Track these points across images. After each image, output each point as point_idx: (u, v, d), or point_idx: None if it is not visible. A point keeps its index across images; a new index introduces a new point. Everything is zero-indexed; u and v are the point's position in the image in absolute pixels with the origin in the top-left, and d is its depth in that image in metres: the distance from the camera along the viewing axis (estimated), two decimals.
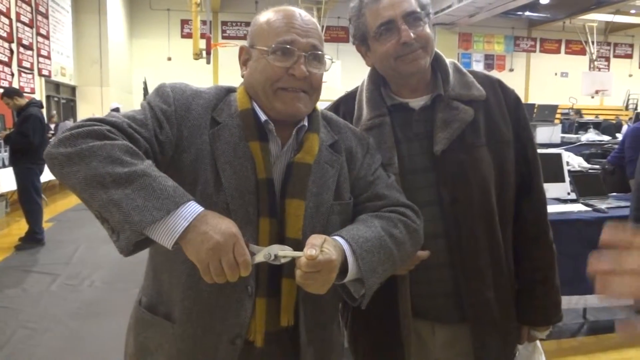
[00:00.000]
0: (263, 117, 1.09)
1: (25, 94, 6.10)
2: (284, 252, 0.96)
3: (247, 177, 1.05)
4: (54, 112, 12.35)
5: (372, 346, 1.39)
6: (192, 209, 0.91)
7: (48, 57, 12.13)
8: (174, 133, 1.05)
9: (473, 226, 1.29)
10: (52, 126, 10.68)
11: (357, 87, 1.44)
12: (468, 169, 1.28)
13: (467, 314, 1.31)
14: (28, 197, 5.68)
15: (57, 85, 13.45)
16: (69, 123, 12.00)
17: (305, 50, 1.07)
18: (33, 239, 5.69)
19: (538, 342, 1.47)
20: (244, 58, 1.15)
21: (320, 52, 1.09)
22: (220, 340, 1.06)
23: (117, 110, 11.14)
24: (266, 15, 1.12)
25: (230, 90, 1.17)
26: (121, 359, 1.24)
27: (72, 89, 14.66)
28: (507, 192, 1.34)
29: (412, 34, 1.24)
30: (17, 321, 3.65)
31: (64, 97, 14.05)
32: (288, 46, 1.05)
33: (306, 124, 1.13)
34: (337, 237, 1.02)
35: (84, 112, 14.58)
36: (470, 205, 1.28)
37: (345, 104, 1.44)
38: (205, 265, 0.89)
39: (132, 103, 17.41)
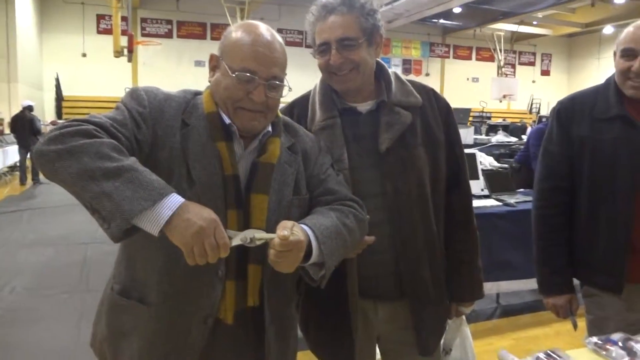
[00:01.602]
0: (227, 121, 1.21)
1: None
2: (260, 234, 1.09)
3: (215, 174, 1.17)
4: None
5: (321, 324, 1.55)
6: (176, 199, 1.02)
7: None
8: (149, 133, 1.15)
9: (411, 214, 1.48)
10: None
11: (309, 91, 1.59)
12: (407, 165, 1.47)
13: (406, 292, 1.50)
14: None
15: None
16: None
17: (266, 79, 1.18)
18: None
19: (464, 316, 1.69)
20: (213, 64, 1.26)
21: (278, 82, 1.21)
22: (192, 319, 1.18)
23: (30, 108, 10.54)
24: (238, 32, 1.21)
25: (196, 94, 1.28)
26: None
27: None
28: (439, 185, 1.55)
29: (339, 59, 1.41)
30: None
31: None
32: (249, 74, 1.17)
33: (270, 130, 1.27)
34: (302, 225, 1.16)
35: None
36: (409, 196, 1.47)
37: (299, 106, 1.58)
38: (190, 248, 0.99)
39: (42, 100, 16.46)
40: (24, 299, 4.09)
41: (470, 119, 13.63)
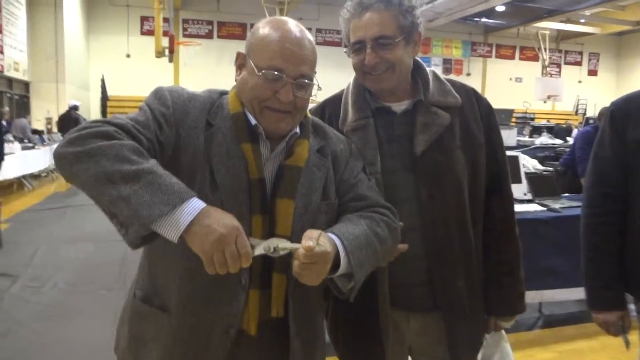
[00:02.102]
0: (253, 121, 1.16)
1: None
2: (283, 244, 1.03)
3: (240, 177, 1.12)
4: (7, 108, 11.91)
5: (352, 335, 1.48)
6: (196, 204, 0.97)
7: (0, 52, 11.69)
8: (172, 134, 1.12)
9: (447, 221, 1.40)
10: (5, 123, 10.31)
11: (342, 90, 1.53)
12: (444, 169, 1.39)
13: (439, 304, 1.42)
14: None
15: (10, 81, 12.98)
16: (24, 121, 11.63)
17: (294, 78, 1.13)
18: None
19: (503, 330, 1.59)
20: (240, 63, 1.21)
21: (307, 81, 1.15)
22: (214, 329, 1.13)
23: (76, 107, 10.88)
24: (265, 29, 1.16)
25: (222, 94, 1.24)
26: None
27: (26, 85, 14.18)
28: (478, 191, 1.46)
29: (374, 59, 1.34)
30: None
31: (17, 93, 13.57)
32: (277, 73, 1.12)
33: (298, 131, 1.21)
34: (329, 234, 1.10)
35: (38, 108, 14.15)
36: (445, 202, 1.39)
37: (331, 106, 1.52)
38: (210, 256, 0.95)
39: (89, 100, 16.99)
40: (64, 295, 4.19)
41: (513, 120, 13.28)
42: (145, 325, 1.19)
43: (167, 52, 11.74)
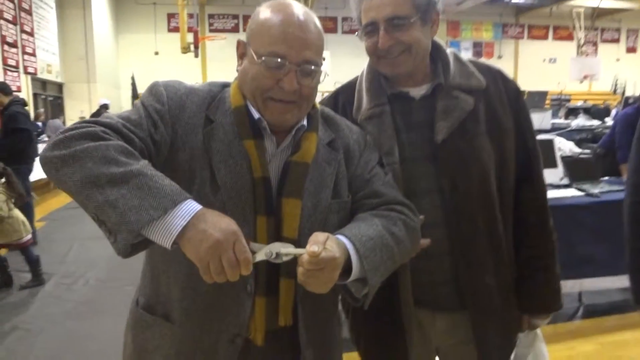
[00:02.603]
0: (256, 115, 1.07)
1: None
2: (286, 249, 0.94)
3: (242, 176, 1.03)
4: (42, 109, 12.19)
5: (374, 336, 1.39)
6: (190, 207, 0.89)
7: (33, 55, 11.97)
8: (168, 132, 1.04)
9: (473, 214, 1.29)
10: (40, 124, 10.56)
11: (356, 77, 1.42)
12: (468, 158, 1.28)
13: (467, 303, 1.31)
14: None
15: (44, 83, 13.29)
16: (58, 121, 11.88)
17: (298, 64, 1.03)
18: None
19: (538, 330, 1.48)
20: (240, 52, 1.12)
21: (312, 67, 1.05)
22: (219, 339, 1.06)
23: (106, 106, 11.03)
24: (265, 12, 1.06)
25: (225, 86, 1.15)
26: (117, 358, 1.23)
27: (59, 86, 14.50)
28: (507, 181, 1.34)
29: (388, 41, 1.24)
30: (12, 322, 3.62)
31: (51, 94, 13.90)
32: (279, 60, 1.02)
33: (305, 123, 1.11)
34: (340, 236, 1.00)
35: (72, 109, 14.45)
36: (470, 193, 1.28)
37: (345, 94, 1.42)
38: (205, 264, 0.87)
39: (120, 99, 17.26)
40: (95, 291, 4.24)
41: (548, 102, 12.85)
42: (148, 334, 1.12)
43: (192, 47, 11.79)
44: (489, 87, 1.33)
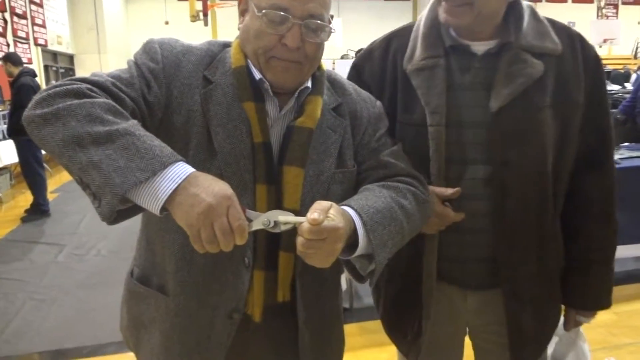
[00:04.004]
0: (258, 76, 1.00)
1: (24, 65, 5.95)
2: (285, 217, 0.86)
3: (241, 141, 0.97)
4: (54, 81, 12.17)
5: (393, 301, 1.35)
6: (181, 169, 0.82)
7: (43, 26, 11.89)
8: (162, 93, 0.97)
9: (523, 193, 1.16)
10: None
11: (413, 22, 1.29)
12: (526, 131, 1.14)
13: (503, 289, 1.22)
14: (30, 170, 5.65)
15: (55, 55, 13.24)
16: None
17: (302, 18, 0.94)
18: (38, 210, 5.69)
19: (581, 328, 1.37)
20: (242, 8, 1.03)
21: (318, 22, 0.96)
22: (216, 314, 1.01)
23: None
24: None
25: (225, 45, 1.07)
26: None
27: (70, 58, 14.44)
28: (566, 162, 1.21)
29: None
30: (25, 293, 3.66)
31: (62, 66, 13.85)
32: (282, 13, 0.93)
33: (310, 85, 1.04)
34: (345, 207, 0.93)
35: None
36: (523, 170, 1.15)
37: (398, 39, 1.28)
38: (196, 231, 0.80)
39: None
40: (107, 262, 4.27)
41: None
42: (143, 307, 1.08)
43: (201, 15, 11.61)
44: (564, 53, 1.17)
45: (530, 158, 1.15)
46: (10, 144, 6.57)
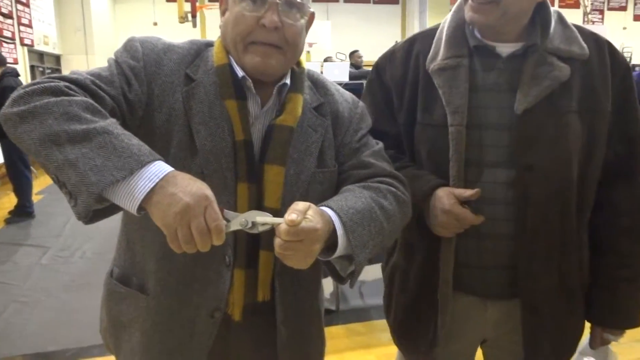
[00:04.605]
0: (240, 73, 1.00)
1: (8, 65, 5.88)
2: (263, 218, 0.87)
3: (223, 139, 0.97)
4: None
5: (406, 309, 1.32)
6: (159, 168, 0.82)
7: (29, 26, 11.77)
8: (143, 91, 0.97)
9: (546, 199, 1.13)
10: None
11: (437, 25, 1.27)
12: (551, 135, 1.12)
13: (522, 298, 1.19)
14: (15, 171, 5.58)
15: (41, 55, 13.10)
16: None
17: None
18: (23, 212, 5.62)
19: (610, 346, 1.32)
20: (223, 8, 1.04)
21: (295, 1, 0.97)
22: (198, 313, 1.01)
23: None
24: None
25: (208, 45, 1.08)
26: None
27: (57, 58, 14.31)
28: (592, 170, 1.18)
29: None
30: (9, 295, 3.61)
31: (48, 66, 13.71)
32: None
33: (288, 82, 1.04)
34: (324, 208, 0.94)
35: None
36: (547, 175, 1.13)
37: (422, 42, 1.27)
38: (173, 230, 0.80)
39: None
40: (92, 264, 4.23)
41: None
42: (122, 306, 1.07)
43: (189, 17, 11.57)
44: (591, 59, 1.15)
45: (554, 163, 1.13)
46: None
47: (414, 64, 1.24)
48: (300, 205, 0.87)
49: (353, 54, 8.46)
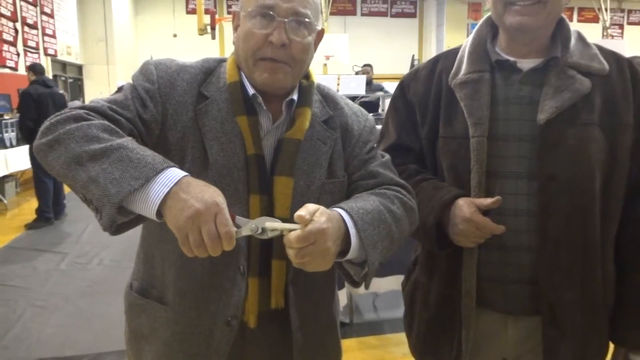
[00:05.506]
0: (251, 91, 1.05)
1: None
2: (272, 224, 0.89)
3: (235, 154, 1.01)
4: (62, 91, 12.29)
5: (428, 325, 1.31)
6: (173, 174, 0.86)
7: (53, 36, 12.05)
8: (159, 111, 1.02)
9: (568, 211, 1.13)
10: None
11: (460, 45, 1.31)
12: (573, 147, 1.12)
13: (542, 312, 1.17)
14: (36, 177, 5.73)
15: (64, 65, 13.40)
16: (78, 103, 11.97)
17: (286, 16, 0.99)
18: (42, 218, 5.75)
19: None
20: (235, 23, 1.09)
21: (302, 20, 1.01)
22: (215, 321, 1.04)
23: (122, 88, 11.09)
24: None
25: (221, 61, 1.12)
26: None
27: (79, 68, 14.62)
28: (616, 183, 1.17)
29: None
30: (27, 300, 3.68)
31: (70, 76, 14.01)
32: (267, 11, 0.99)
33: (295, 97, 1.08)
34: (336, 209, 0.97)
35: (91, 90, 14.56)
36: (569, 187, 1.12)
37: (445, 60, 1.30)
38: (184, 234, 0.83)
39: None
40: (109, 271, 4.29)
41: None
42: (142, 318, 1.11)
43: (209, 29, 11.76)
44: (611, 75, 1.16)
45: (577, 173, 1.13)
46: (17, 151, 6.66)
47: (437, 80, 1.27)
48: (309, 207, 0.90)
49: (364, 67, 8.47)
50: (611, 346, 1.28)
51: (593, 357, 1.23)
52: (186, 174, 0.88)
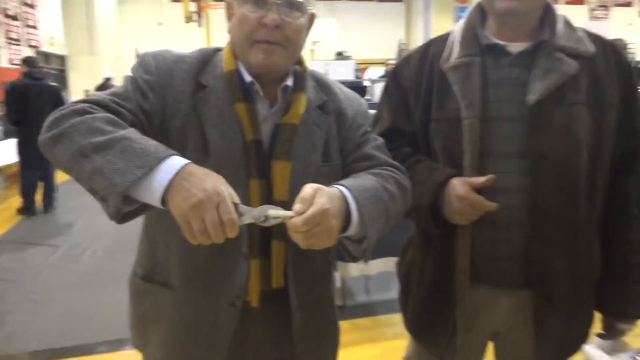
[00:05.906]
0: (248, 79, 1.07)
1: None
2: (275, 212, 0.93)
3: (235, 140, 1.04)
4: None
5: (424, 302, 1.35)
6: (176, 161, 0.88)
7: (35, 27, 11.86)
8: (159, 101, 1.04)
9: (556, 187, 1.18)
10: None
11: (450, 30, 1.34)
12: (561, 126, 1.17)
13: (534, 285, 1.22)
14: (20, 169, 5.75)
15: (47, 56, 13.21)
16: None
17: None
18: (23, 207, 5.84)
19: (624, 338, 1.34)
20: (229, 13, 1.11)
21: (294, 1, 1.04)
22: (220, 302, 1.08)
23: (109, 79, 10.98)
24: None
25: (217, 50, 1.14)
26: (124, 326, 1.26)
27: (62, 59, 14.41)
28: (601, 160, 1.22)
29: None
30: (19, 293, 3.69)
31: (54, 67, 13.83)
32: None
33: (290, 83, 1.11)
34: (337, 186, 0.99)
35: (75, 82, 14.38)
36: (557, 164, 1.17)
37: (436, 45, 1.34)
38: (187, 222, 0.86)
39: (123, 71, 17.04)
40: (102, 261, 4.30)
41: None
42: (147, 303, 1.15)
43: (195, 16, 11.65)
44: (597, 56, 1.21)
45: (565, 151, 1.18)
46: (4, 145, 6.59)
47: (429, 65, 1.30)
48: (307, 191, 0.92)
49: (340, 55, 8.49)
50: (597, 317, 1.33)
51: (581, 327, 1.29)
52: (189, 161, 0.90)
